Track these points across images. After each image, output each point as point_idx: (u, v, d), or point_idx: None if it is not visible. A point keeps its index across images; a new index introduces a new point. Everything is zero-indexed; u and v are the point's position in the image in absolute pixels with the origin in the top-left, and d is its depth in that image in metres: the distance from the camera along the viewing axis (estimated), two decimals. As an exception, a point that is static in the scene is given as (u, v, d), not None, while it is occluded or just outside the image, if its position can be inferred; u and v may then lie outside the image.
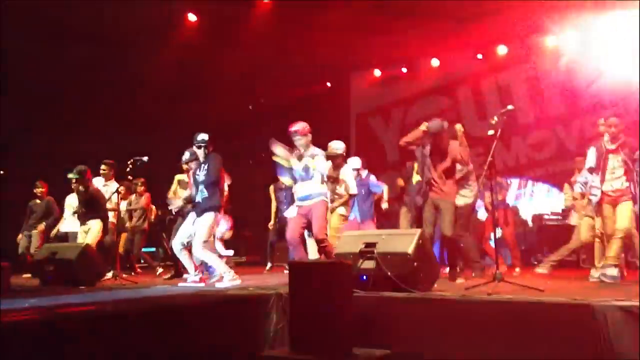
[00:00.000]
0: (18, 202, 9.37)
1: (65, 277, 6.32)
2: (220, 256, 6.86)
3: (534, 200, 11.35)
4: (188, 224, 6.39)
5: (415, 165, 7.15)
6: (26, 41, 8.88)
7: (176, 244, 6.32)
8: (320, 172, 6.03)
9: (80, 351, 3.44)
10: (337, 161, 6.85)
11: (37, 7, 8.36)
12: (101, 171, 8.23)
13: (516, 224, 10.02)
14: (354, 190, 7.01)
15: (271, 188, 9.33)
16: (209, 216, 6.11)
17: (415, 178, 7.39)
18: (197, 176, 6.33)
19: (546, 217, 10.37)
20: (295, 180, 6.19)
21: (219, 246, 7.72)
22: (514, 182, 11.49)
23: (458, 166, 6.48)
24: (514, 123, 10.50)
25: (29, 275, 7.92)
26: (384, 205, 8.49)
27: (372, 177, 8.12)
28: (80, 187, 7.58)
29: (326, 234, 6.03)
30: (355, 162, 7.81)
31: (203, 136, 6.28)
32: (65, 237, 8.50)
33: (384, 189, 8.42)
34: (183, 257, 6.32)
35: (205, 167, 6.24)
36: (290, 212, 6.93)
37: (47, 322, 3.53)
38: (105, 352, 3.55)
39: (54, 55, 9.11)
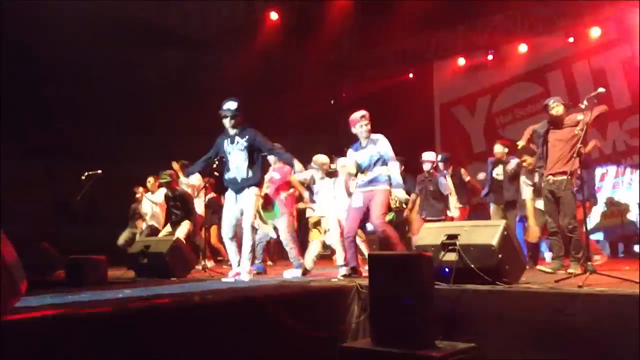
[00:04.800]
0: (117, 201, 9.82)
1: (158, 270, 6.61)
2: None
3: (632, 188, 10.70)
4: (231, 208, 5.88)
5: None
6: (119, 46, 9.30)
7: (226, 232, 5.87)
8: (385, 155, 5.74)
9: (169, 339, 3.59)
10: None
11: (128, 9, 8.74)
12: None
13: (614, 214, 9.52)
14: None
15: None
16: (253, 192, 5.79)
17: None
18: (230, 151, 5.83)
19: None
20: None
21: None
22: (611, 170, 10.91)
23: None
24: (610, 108, 9.93)
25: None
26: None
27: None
28: (169, 191, 8.12)
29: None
30: (429, 155, 7.82)
31: (232, 104, 5.73)
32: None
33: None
34: (231, 247, 5.92)
35: (244, 140, 5.77)
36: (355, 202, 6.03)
37: (138, 311, 3.72)
38: (191, 340, 3.69)
39: (147, 58, 9.50)
